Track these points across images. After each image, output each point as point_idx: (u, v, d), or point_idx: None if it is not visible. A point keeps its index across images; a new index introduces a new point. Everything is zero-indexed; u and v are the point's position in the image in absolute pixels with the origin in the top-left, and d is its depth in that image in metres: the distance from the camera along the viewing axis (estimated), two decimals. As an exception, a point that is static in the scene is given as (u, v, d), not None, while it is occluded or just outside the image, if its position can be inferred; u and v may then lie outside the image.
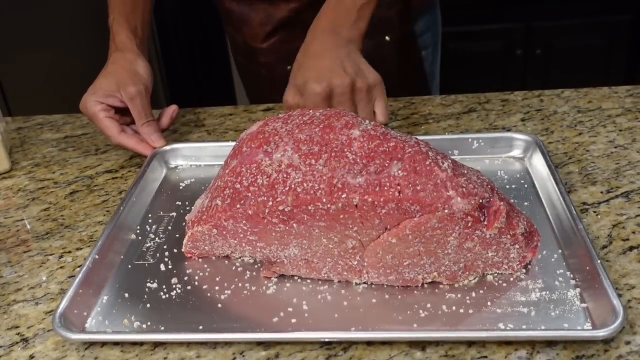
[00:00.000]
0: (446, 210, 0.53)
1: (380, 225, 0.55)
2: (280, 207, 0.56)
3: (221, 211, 0.59)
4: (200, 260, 0.65)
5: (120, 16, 0.89)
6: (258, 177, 0.58)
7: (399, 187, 0.54)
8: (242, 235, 0.60)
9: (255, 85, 1.17)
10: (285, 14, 1.02)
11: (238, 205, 0.58)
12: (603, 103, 0.91)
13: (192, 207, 0.67)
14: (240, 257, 0.64)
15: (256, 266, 0.63)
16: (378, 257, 0.57)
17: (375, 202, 0.54)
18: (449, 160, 0.57)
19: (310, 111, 0.64)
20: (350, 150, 0.57)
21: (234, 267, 0.63)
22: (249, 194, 0.58)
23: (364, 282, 0.60)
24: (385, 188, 0.54)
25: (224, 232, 0.60)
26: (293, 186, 0.56)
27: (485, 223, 0.55)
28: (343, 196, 0.54)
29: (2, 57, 1.79)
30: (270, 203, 0.56)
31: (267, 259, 0.61)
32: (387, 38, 1.04)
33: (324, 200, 0.54)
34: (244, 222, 0.58)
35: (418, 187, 0.54)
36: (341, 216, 0.55)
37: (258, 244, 0.60)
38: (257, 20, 1.04)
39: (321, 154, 0.57)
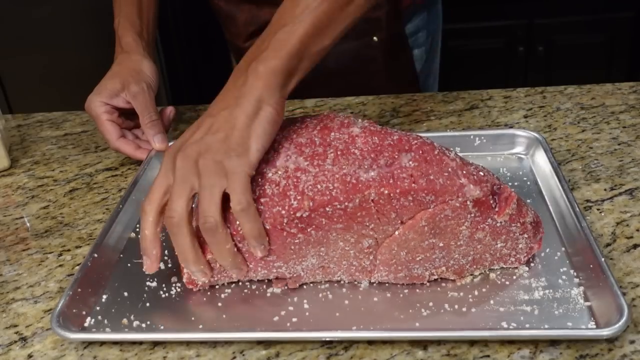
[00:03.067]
0: (460, 199, 0.53)
1: (396, 219, 0.54)
2: (298, 214, 0.53)
3: (234, 234, 0.55)
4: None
5: (125, 20, 0.89)
6: (266, 187, 0.55)
7: (412, 178, 0.53)
8: (258, 258, 0.56)
9: None
10: (269, 16, 1.01)
11: None
12: (606, 100, 0.91)
13: None
14: (248, 281, 0.60)
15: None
16: (392, 254, 0.56)
17: (392, 194, 0.53)
18: (454, 152, 0.57)
19: (299, 118, 0.62)
20: (355, 147, 0.56)
21: (234, 266, 0.63)
22: (262, 207, 0.54)
23: (367, 280, 0.59)
24: (400, 179, 0.53)
25: None
26: (306, 190, 0.54)
27: (497, 210, 0.55)
28: (359, 192, 0.53)
29: (3, 55, 1.79)
30: (287, 211, 0.53)
31: (282, 276, 0.59)
32: (374, 39, 1.03)
33: (341, 198, 0.53)
34: None
35: (431, 177, 0.53)
36: (358, 214, 0.54)
37: (275, 264, 0.57)
38: (243, 20, 1.03)
39: (327, 153, 0.56)
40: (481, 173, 0.55)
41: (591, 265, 0.56)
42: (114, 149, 0.84)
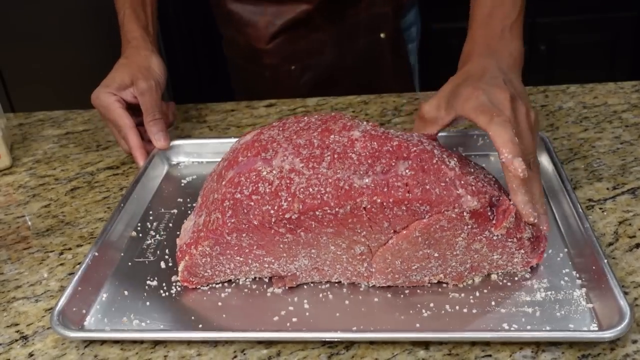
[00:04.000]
0: (456, 210, 0.52)
1: (389, 228, 0.54)
2: (287, 216, 0.53)
3: (222, 224, 0.55)
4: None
5: (131, 12, 0.89)
6: (259, 185, 0.55)
7: (407, 187, 0.52)
8: (247, 251, 0.57)
9: (256, 86, 1.16)
10: (293, 15, 1.01)
11: (241, 216, 0.55)
12: (609, 99, 0.90)
13: (180, 233, 0.63)
14: (246, 279, 0.60)
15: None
16: (387, 263, 0.56)
17: (384, 204, 0.52)
18: (455, 158, 0.56)
19: (306, 117, 0.62)
20: (353, 151, 0.55)
21: (235, 265, 0.63)
22: (252, 203, 0.54)
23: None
24: (394, 188, 0.52)
25: (227, 250, 0.57)
26: (297, 192, 0.53)
27: (494, 222, 0.54)
28: (351, 199, 0.52)
29: (5, 53, 1.79)
30: (276, 211, 0.53)
31: (276, 274, 0.59)
32: (382, 35, 1.04)
33: (332, 204, 0.52)
34: (250, 235, 0.55)
35: (427, 187, 0.52)
36: (349, 220, 0.53)
37: (266, 259, 0.57)
38: (263, 21, 1.03)
39: (323, 157, 0.55)
40: (480, 183, 0.54)
41: (594, 267, 0.56)
42: (123, 135, 0.82)
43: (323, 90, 1.02)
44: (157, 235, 0.68)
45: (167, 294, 0.60)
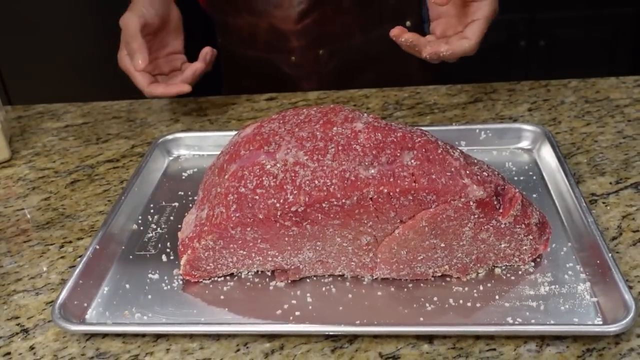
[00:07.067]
0: (462, 199, 0.52)
1: (396, 218, 0.54)
2: (293, 208, 0.53)
3: (227, 219, 0.55)
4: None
5: None
6: (264, 178, 0.55)
7: (413, 177, 0.52)
8: (251, 244, 0.56)
9: (276, 76, 1.12)
10: None
11: (246, 210, 0.54)
12: (611, 93, 0.90)
13: (182, 226, 0.63)
14: (248, 273, 0.60)
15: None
16: (392, 253, 0.55)
17: (391, 193, 0.52)
18: (458, 150, 0.56)
19: (305, 110, 0.62)
20: (357, 143, 0.55)
21: (237, 258, 0.62)
22: (257, 197, 0.54)
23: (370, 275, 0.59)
24: (400, 178, 0.52)
25: (231, 244, 0.56)
26: (303, 184, 0.53)
27: (501, 211, 0.54)
28: (357, 190, 0.52)
29: (3, 46, 1.78)
30: (282, 204, 0.53)
31: (279, 267, 0.59)
32: (408, 23, 1.04)
33: (339, 195, 0.52)
34: (255, 228, 0.55)
35: (433, 176, 0.52)
36: (356, 211, 0.53)
37: (269, 252, 0.57)
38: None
39: (327, 148, 0.55)
40: (485, 173, 0.55)
41: (598, 261, 0.55)
42: (131, 51, 0.84)
43: (348, 80, 1.02)
44: (159, 229, 0.68)
45: (168, 287, 0.59)
